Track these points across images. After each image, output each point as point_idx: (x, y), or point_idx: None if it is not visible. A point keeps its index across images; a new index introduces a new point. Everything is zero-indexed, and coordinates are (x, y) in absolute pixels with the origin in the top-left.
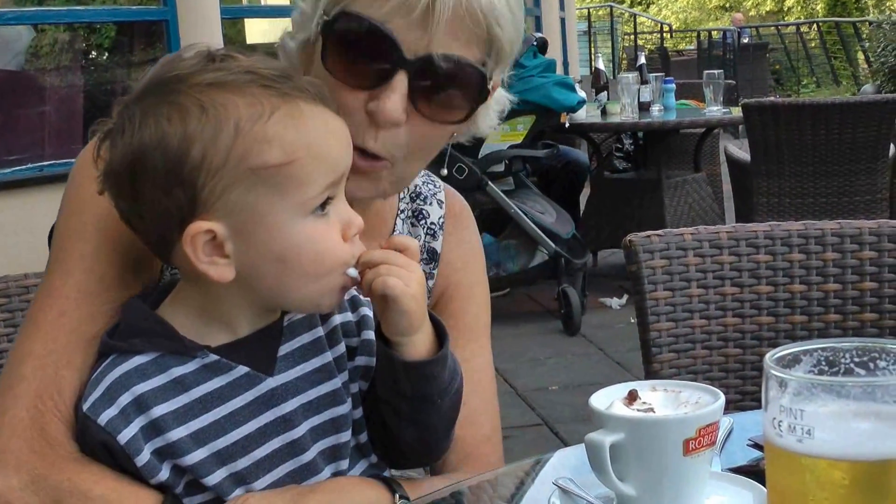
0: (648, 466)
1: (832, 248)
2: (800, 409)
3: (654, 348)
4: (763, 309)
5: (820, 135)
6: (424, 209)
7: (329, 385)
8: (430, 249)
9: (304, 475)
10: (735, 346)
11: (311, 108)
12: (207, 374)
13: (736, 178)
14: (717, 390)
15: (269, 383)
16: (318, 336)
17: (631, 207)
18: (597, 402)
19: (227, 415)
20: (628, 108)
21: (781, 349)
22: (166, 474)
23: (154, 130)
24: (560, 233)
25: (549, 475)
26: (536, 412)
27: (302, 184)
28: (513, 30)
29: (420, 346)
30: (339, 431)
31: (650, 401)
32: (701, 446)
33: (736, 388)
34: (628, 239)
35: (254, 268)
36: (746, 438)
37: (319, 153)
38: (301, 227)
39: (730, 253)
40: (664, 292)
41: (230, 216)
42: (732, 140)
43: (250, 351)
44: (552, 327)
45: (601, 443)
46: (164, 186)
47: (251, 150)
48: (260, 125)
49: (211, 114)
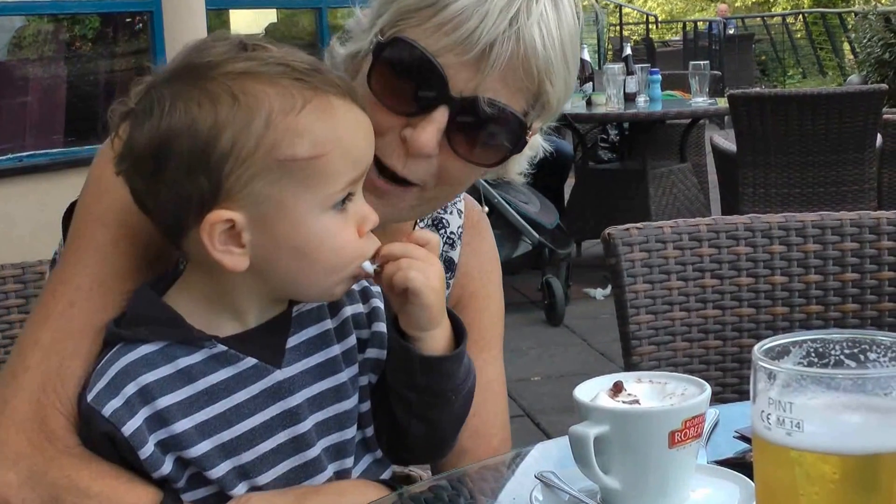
0: (633, 459)
1: (813, 240)
2: (789, 401)
3: (634, 341)
4: (743, 301)
5: (806, 125)
6: (444, 218)
7: (334, 380)
8: (447, 259)
9: (308, 471)
10: (715, 337)
11: (341, 103)
12: (215, 364)
13: (722, 168)
14: (703, 382)
15: (276, 376)
16: (327, 329)
17: (615, 198)
18: (581, 394)
19: (233, 407)
20: (613, 99)
21: (770, 340)
22: (169, 467)
23: (184, 115)
24: (544, 223)
25: (530, 468)
26: (518, 403)
27: (328, 178)
28: (563, 88)
29: (438, 341)
30: (344, 428)
31: (635, 392)
32: (686, 438)
33: (716, 380)
34: (607, 232)
35: (269, 259)
36: (733, 430)
37: (347, 149)
38: (321, 222)
39: (710, 245)
40: (643, 285)
41: (252, 206)
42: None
43: (259, 342)
44: (535, 317)
45: (585, 435)
46: (189, 172)
47: (281, 142)
48: (291, 117)
49: (243, 102)
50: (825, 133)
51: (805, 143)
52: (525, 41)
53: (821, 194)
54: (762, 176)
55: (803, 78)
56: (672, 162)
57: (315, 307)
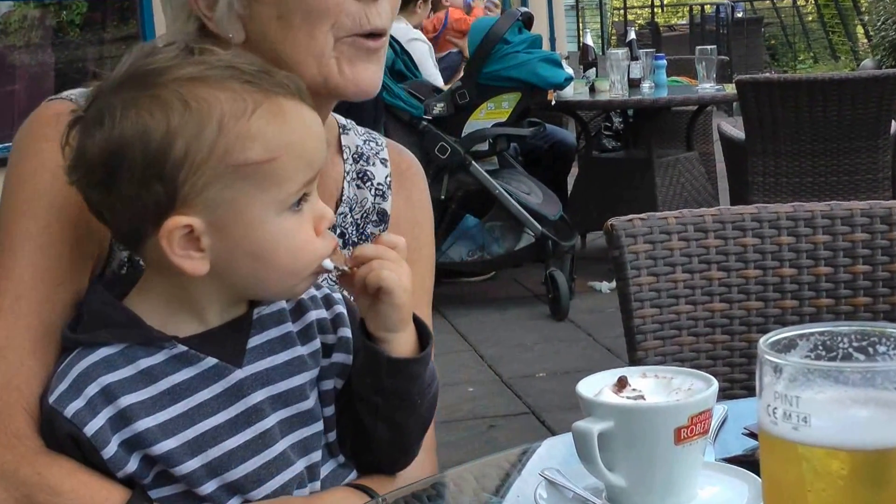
0: (639, 456)
1: (822, 231)
2: (795, 395)
3: (639, 335)
4: (751, 294)
5: (818, 112)
6: (368, 170)
7: (298, 379)
8: (379, 211)
9: (277, 466)
10: (723, 332)
11: (291, 105)
12: (176, 365)
13: (730, 157)
14: (710, 377)
15: (237, 374)
16: (288, 331)
17: (620, 188)
18: (584, 389)
19: (195, 406)
20: (618, 86)
21: (776, 333)
22: (134, 466)
23: (135, 124)
24: (547, 214)
25: (535, 466)
26: (523, 400)
27: (282, 181)
28: None
29: (404, 344)
30: (307, 425)
31: (640, 388)
32: (693, 435)
33: (724, 376)
34: (610, 223)
35: (229, 261)
36: (741, 427)
37: (299, 151)
38: (277, 223)
39: (716, 236)
40: (648, 277)
41: (209, 211)
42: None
43: (219, 342)
44: (539, 312)
45: (589, 431)
46: (143, 181)
47: (234, 147)
48: (243, 122)
49: (194, 109)
50: (837, 120)
51: (816, 131)
52: None
53: (833, 184)
54: (772, 165)
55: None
56: (678, 150)
57: (276, 310)
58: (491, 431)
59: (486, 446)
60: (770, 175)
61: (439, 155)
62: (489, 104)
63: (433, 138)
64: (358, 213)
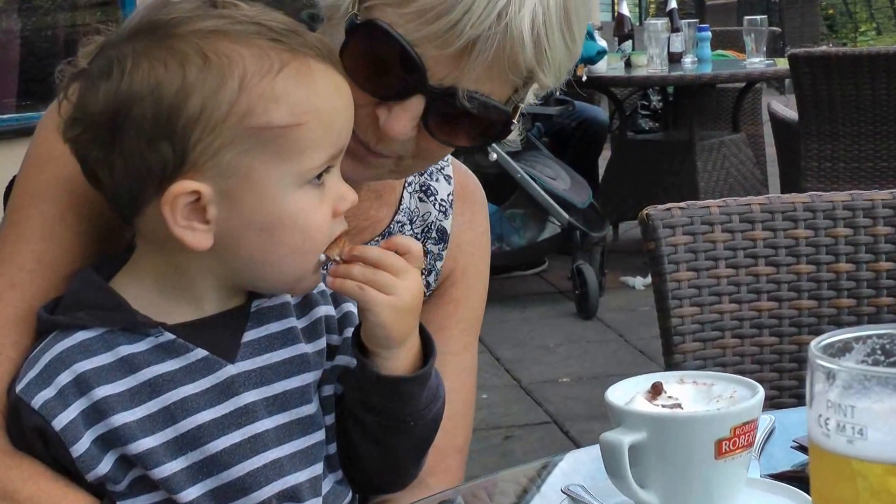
0: (674, 471)
1: (884, 222)
2: (850, 405)
3: (677, 337)
4: (803, 291)
5: (880, 90)
6: (432, 185)
7: (298, 380)
8: (440, 228)
9: (267, 475)
10: (771, 334)
11: (321, 67)
12: (161, 355)
13: (781, 139)
14: (756, 383)
15: (228, 370)
16: (291, 327)
17: (658, 173)
18: (614, 397)
19: (178, 401)
20: (656, 60)
21: (829, 335)
22: (107, 467)
23: (147, 76)
24: (575, 201)
25: (557, 481)
26: (544, 408)
27: (306, 150)
28: (564, 65)
29: (401, 360)
30: (308, 432)
31: (677, 395)
32: (736, 448)
33: (772, 383)
34: (645, 213)
35: (235, 237)
36: (790, 440)
37: (328, 118)
38: (295, 198)
39: (764, 228)
40: (687, 273)
41: (221, 178)
42: (777, 96)
43: (212, 333)
44: (565, 310)
45: (619, 443)
46: (151, 139)
47: (256, 108)
48: (267, 81)
49: (214, 63)
50: None
51: (878, 111)
52: (513, 37)
53: None
54: (828, 148)
55: (877, 35)
56: (723, 132)
57: (279, 303)
58: (507, 443)
59: (501, 459)
60: (826, 160)
61: None
62: None
63: None
64: (419, 226)
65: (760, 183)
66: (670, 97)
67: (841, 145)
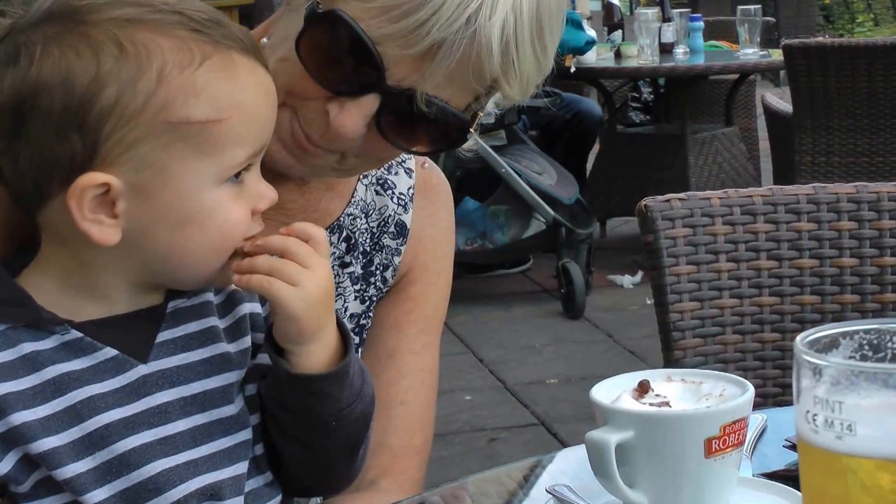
0: (663, 471)
1: (889, 215)
2: (838, 400)
3: (676, 332)
4: (806, 287)
5: (877, 83)
6: (389, 179)
7: (218, 380)
8: (399, 222)
9: (181, 475)
10: (773, 329)
11: (245, 61)
12: (67, 353)
13: (775, 133)
14: (745, 381)
15: (140, 370)
16: (211, 326)
17: (648, 168)
18: (600, 395)
19: (85, 399)
20: (647, 51)
21: (815, 331)
22: (8, 466)
23: (58, 64)
24: (561, 197)
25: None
26: (531, 410)
27: (226, 147)
28: (524, 85)
29: (316, 356)
30: (231, 433)
31: (665, 393)
32: (726, 447)
33: (774, 380)
34: (643, 204)
35: (145, 233)
36: (783, 438)
37: (251, 115)
38: (212, 195)
39: (766, 220)
40: (687, 267)
41: (133, 172)
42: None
43: (123, 332)
44: (551, 309)
45: (605, 442)
46: (60, 130)
47: (175, 101)
48: (188, 74)
49: (131, 54)
50: None
51: (875, 104)
52: (481, 44)
53: (893, 164)
54: (823, 143)
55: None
56: (716, 126)
57: (199, 303)
58: (493, 445)
59: (486, 462)
60: (821, 154)
61: None
62: None
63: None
64: (375, 220)
65: (753, 178)
66: (661, 89)
67: (836, 139)
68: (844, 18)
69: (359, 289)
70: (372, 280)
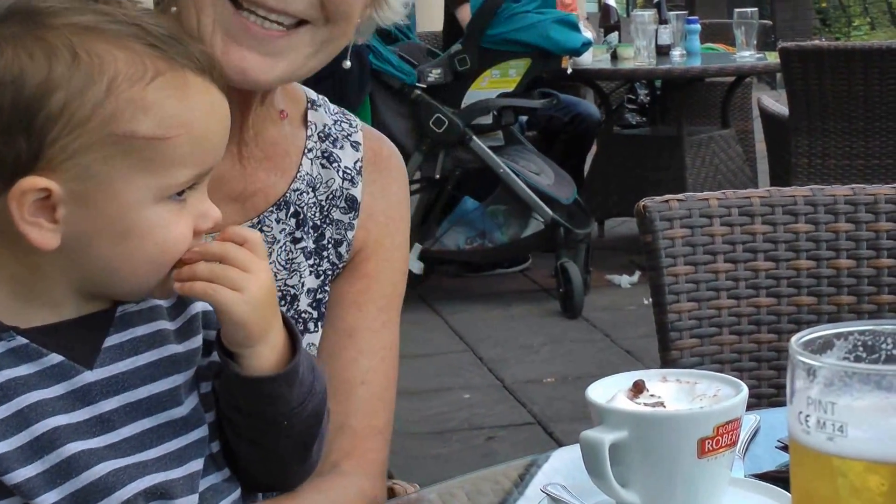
0: (656, 470)
1: (886, 217)
2: (831, 401)
3: (673, 332)
4: (803, 287)
5: (873, 86)
6: (334, 153)
7: (166, 382)
8: (348, 197)
9: (131, 474)
10: (769, 330)
11: (198, 81)
12: (13, 359)
13: (771, 135)
14: (739, 381)
15: (85, 377)
16: (160, 329)
17: (645, 169)
18: (595, 394)
19: (32, 404)
20: (643, 52)
21: (810, 331)
22: None
23: (11, 64)
24: (559, 197)
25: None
26: (528, 409)
27: (171, 166)
28: None
29: (264, 358)
30: (181, 434)
31: (659, 393)
32: (719, 447)
33: (769, 381)
34: (642, 204)
35: (86, 241)
36: (775, 439)
37: (198, 136)
38: (153, 211)
39: (763, 222)
40: (685, 267)
41: (76, 181)
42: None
43: (69, 338)
44: (549, 309)
45: (599, 442)
46: (6, 130)
47: (122, 115)
48: (138, 88)
49: (83, 62)
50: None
51: (871, 108)
52: None
53: (888, 167)
54: (819, 145)
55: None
56: (712, 127)
57: (148, 307)
58: (490, 444)
59: (483, 460)
60: (817, 156)
61: (434, 128)
62: (494, 71)
63: (427, 109)
64: (322, 193)
65: (750, 180)
66: (658, 91)
67: (832, 142)
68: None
69: (312, 263)
70: (325, 254)
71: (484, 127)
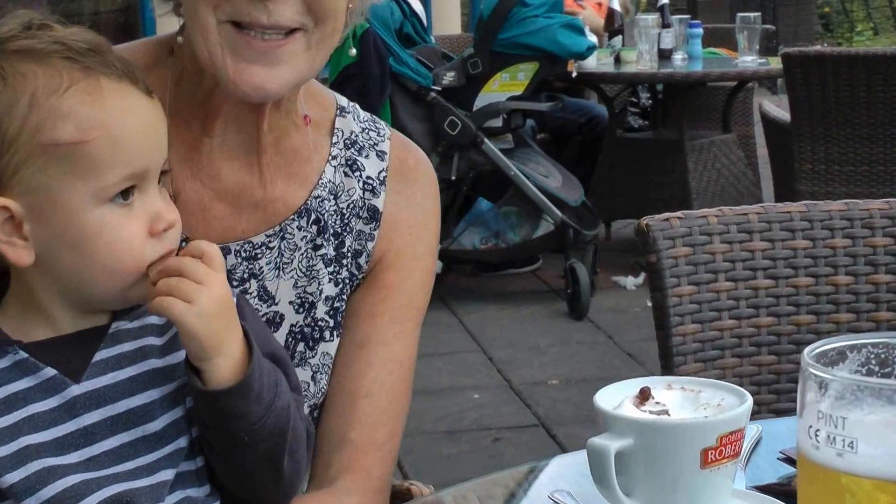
0: (660, 479)
1: (882, 232)
2: (842, 416)
3: (678, 357)
4: (802, 306)
5: (876, 92)
6: (359, 161)
7: (143, 397)
8: (370, 207)
9: (108, 481)
10: (769, 352)
11: (113, 86)
12: (17, 372)
13: (773, 141)
14: (744, 391)
15: (72, 391)
16: (146, 345)
17: (649, 172)
18: (603, 401)
19: (26, 417)
20: (646, 56)
21: (823, 343)
22: None
23: None
24: (567, 199)
25: (543, 487)
26: (532, 410)
27: (99, 168)
28: None
29: (223, 371)
30: (154, 450)
31: (664, 401)
32: (722, 458)
33: (769, 406)
34: (644, 223)
35: (51, 253)
36: (777, 450)
37: (118, 136)
38: (96, 215)
39: (762, 238)
40: (689, 287)
41: (25, 195)
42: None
43: (64, 353)
44: (557, 309)
45: (606, 450)
46: None
47: (44, 125)
48: (55, 98)
49: (10, 83)
50: None
51: (873, 114)
52: None
53: (892, 173)
54: (822, 151)
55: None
56: (714, 132)
57: (138, 325)
58: (496, 445)
59: (490, 461)
60: (820, 162)
61: (449, 130)
62: (503, 75)
63: (442, 112)
64: (344, 201)
65: (752, 184)
66: (660, 95)
67: (835, 148)
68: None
69: (332, 271)
70: (344, 262)
71: (494, 130)
